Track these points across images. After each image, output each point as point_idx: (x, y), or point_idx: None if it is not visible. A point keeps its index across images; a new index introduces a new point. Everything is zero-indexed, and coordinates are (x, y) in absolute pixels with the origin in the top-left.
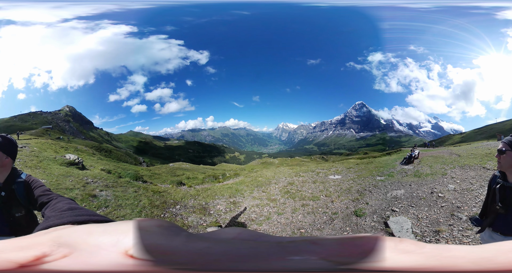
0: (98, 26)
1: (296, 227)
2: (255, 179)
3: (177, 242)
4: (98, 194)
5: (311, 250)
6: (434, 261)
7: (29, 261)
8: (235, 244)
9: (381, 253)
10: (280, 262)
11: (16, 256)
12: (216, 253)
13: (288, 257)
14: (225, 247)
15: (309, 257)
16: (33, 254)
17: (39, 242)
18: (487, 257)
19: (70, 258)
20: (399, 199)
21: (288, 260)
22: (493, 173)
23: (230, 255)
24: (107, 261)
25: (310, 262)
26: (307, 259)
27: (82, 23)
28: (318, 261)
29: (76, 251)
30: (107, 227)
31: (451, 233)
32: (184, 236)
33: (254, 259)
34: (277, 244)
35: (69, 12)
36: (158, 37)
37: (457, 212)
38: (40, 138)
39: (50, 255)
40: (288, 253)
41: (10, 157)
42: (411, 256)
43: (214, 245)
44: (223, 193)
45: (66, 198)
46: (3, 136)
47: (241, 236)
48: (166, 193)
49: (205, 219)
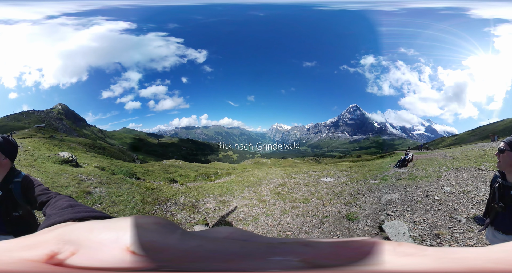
0: (91, 22)
1: (283, 229)
2: (246, 178)
3: (172, 240)
4: (92, 191)
5: (300, 251)
6: (442, 264)
7: (43, 259)
8: (225, 243)
9: (379, 257)
10: (262, 262)
11: (27, 255)
12: (205, 252)
13: (273, 257)
14: (215, 246)
15: (293, 258)
16: (44, 253)
17: (44, 241)
18: (503, 257)
19: (78, 255)
20: (394, 203)
21: (269, 261)
22: (494, 173)
23: (218, 254)
24: (110, 257)
25: (291, 263)
26: (288, 260)
27: (74, 20)
28: (299, 262)
29: (81, 248)
30: (107, 224)
31: (453, 236)
32: (179, 234)
33: (240, 259)
34: (267, 245)
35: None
36: (157, 34)
37: (455, 214)
38: (33, 137)
39: (59, 253)
40: (275, 254)
41: (8, 158)
42: (413, 259)
43: (205, 243)
44: (214, 192)
45: (65, 196)
46: (3, 137)
47: (233, 235)
48: (158, 190)
49: (193, 216)
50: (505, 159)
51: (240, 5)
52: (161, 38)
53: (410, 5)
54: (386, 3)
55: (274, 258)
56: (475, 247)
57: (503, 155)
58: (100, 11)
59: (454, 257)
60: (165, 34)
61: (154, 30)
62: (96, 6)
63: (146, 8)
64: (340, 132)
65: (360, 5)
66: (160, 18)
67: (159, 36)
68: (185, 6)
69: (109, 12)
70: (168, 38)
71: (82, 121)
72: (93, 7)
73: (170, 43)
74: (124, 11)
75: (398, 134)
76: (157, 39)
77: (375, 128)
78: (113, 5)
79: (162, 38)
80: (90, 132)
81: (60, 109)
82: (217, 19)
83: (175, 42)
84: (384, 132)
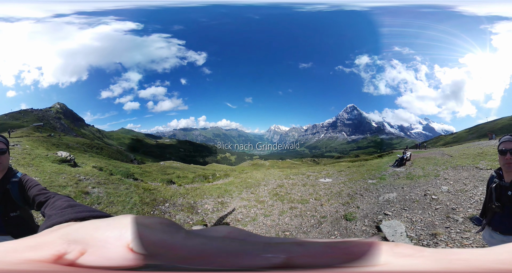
0: (100, 22)
1: (281, 230)
2: (244, 180)
3: (178, 238)
4: (90, 191)
5: (294, 251)
6: (441, 265)
7: (50, 259)
8: (225, 242)
9: (376, 257)
10: (255, 259)
11: (33, 255)
12: (208, 250)
13: (263, 255)
14: (217, 244)
15: (281, 255)
16: (51, 253)
17: (49, 241)
18: (504, 259)
19: (87, 254)
20: (392, 203)
21: (260, 257)
22: (491, 173)
23: (220, 252)
24: (116, 255)
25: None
26: (277, 257)
27: (83, 18)
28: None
29: (89, 247)
30: (110, 221)
31: (449, 236)
32: (184, 233)
33: (239, 257)
34: (263, 244)
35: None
36: (160, 36)
37: (453, 214)
38: (31, 136)
39: (67, 253)
40: (266, 252)
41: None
42: (410, 260)
43: (208, 242)
44: (212, 193)
45: (64, 195)
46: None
47: (231, 234)
48: (156, 191)
49: (192, 217)
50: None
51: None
52: (164, 39)
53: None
54: (379, 2)
55: (265, 255)
56: (474, 248)
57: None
58: (113, 11)
59: (453, 258)
60: (168, 36)
61: (158, 32)
62: (110, 6)
63: (155, 9)
64: (338, 133)
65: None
66: (166, 19)
67: (162, 38)
68: (191, 7)
69: (121, 12)
70: (170, 40)
71: (81, 120)
72: (107, 7)
73: (172, 44)
74: (135, 11)
75: (396, 133)
76: (160, 41)
77: (373, 128)
78: (126, 5)
79: (165, 40)
80: (88, 131)
81: (59, 108)
82: (218, 22)
83: (177, 44)
84: (382, 132)
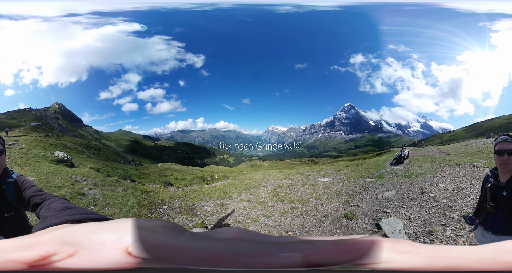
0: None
1: (284, 230)
2: (243, 181)
3: (183, 241)
4: (86, 193)
5: (303, 249)
6: (434, 262)
7: (35, 260)
8: (235, 243)
9: (378, 254)
10: (271, 259)
11: (20, 255)
12: (218, 251)
13: (279, 255)
14: (226, 246)
15: (297, 254)
16: (38, 254)
17: (40, 242)
18: (491, 257)
19: (77, 256)
20: (390, 200)
21: (277, 257)
22: (486, 172)
23: (230, 253)
24: (113, 259)
25: (295, 259)
26: (294, 256)
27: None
28: (302, 259)
29: (81, 250)
30: (109, 225)
31: (445, 233)
32: (189, 235)
33: (251, 258)
34: (274, 244)
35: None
36: (161, 38)
37: (449, 211)
38: (29, 135)
39: (55, 254)
40: (281, 252)
41: None
42: (408, 256)
43: (216, 243)
44: (211, 195)
45: (60, 197)
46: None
47: (239, 235)
48: (154, 193)
49: (191, 220)
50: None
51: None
52: (164, 41)
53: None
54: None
55: (281, 254)
56: (467, 246)
57: None
58: (126, 12)
59: (446, 255)
60: (169, 38)
61: (160, 34)
62: (128, 8)
63: (160, 10)
64: (336, 132)
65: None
66: (169, 21)
67: (162, 40)
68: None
69: (132, 13)
70: (170, 42)
71: (79, 121)
72: (125, 8)
73: (171, 47)
74: (142, 13)
75: (394, 132)
76: (160, 43)
77: (371, 126)
78: (142, 7)
79: (165, 42)
80: (86, 132)
81: (57, 108)
82: (216, 24)
83: (176, 46)
84: (379, 130)
